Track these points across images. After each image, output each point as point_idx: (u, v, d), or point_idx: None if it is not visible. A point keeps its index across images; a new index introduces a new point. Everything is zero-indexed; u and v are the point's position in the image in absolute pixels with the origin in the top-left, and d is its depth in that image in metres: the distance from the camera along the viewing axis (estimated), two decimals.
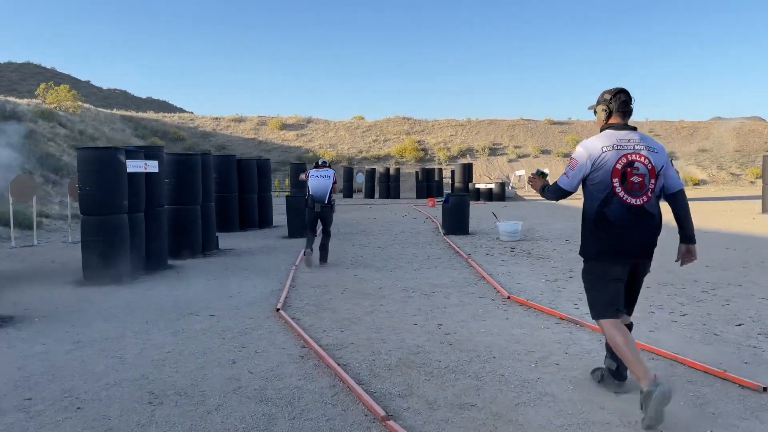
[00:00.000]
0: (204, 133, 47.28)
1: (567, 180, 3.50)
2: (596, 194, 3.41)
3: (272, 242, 11.93)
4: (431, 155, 44.86)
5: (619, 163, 3.36)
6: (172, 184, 9.60)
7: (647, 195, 3.38)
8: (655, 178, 3.40)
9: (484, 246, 10.79)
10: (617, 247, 3.38)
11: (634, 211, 3.35)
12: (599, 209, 3.40)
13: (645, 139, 3.48)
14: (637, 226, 3.37)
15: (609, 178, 3.37)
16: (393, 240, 11.93)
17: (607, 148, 3.39)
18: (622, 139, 3.41)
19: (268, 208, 15.13)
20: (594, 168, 3.40)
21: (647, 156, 3.39)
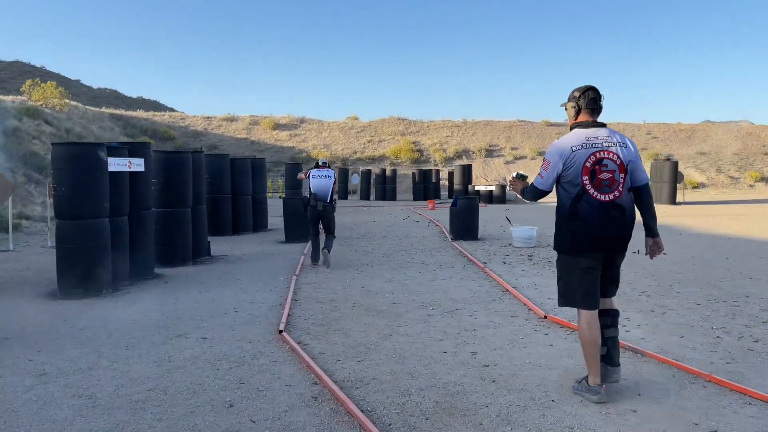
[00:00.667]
0: (195, 132, 46.29)
1: (541, 180, 3.61)
2: (568, 191, 3.53)
3: (268, 248, 11.09)
4: (427, 156, 44.11)
5: (589, 161, 3.47)
6: (160, 184, 8.74)
7: (618, 190, 3.48)
8: (624, 173, 3.49)
9: (498, 253, 10.01)
10: (588, 242, 3.49)
11: (604, 207, 3.46)
12: (571, 206, 3.51)
13: (614, 134, 3.58)
14: (608, 221, 3.46)
15: (579, 175, 3.48)
16: (398, 246, 11.13)
17: (576, 147, 3.49)
18: (591, 137, 3.51)
19: (263, 211, 14.28)
20: (565, 167, 3.51)
21: (615, 152, 3.48)
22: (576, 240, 3.52)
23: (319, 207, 8.69)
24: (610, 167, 3.47)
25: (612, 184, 3.47)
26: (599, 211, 3.46)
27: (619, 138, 3.58)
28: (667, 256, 9.34)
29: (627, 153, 3.52)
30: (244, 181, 13.64)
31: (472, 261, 9.06)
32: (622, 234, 3.54)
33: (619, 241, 3.55)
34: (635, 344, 4.63)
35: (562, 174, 3.55)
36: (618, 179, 3.47)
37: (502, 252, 10.15)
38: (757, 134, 48.34)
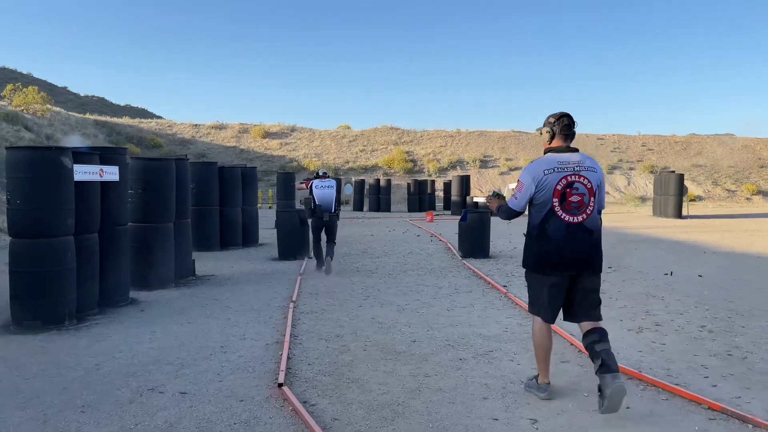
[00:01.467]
0: (182, 140, 45.09)
1: (515, 201, 3.74)
2: (538, 211, 3.68)
3: (260, 266, 10.02)
4: (420, 166, 43.23)
5: (560, 184, 3.60)
6: (139, 196, 7.68)
7: (586, 212, 3.64)
8: (593, 197, 3.65)
9: (515, 274, 9.01)
10: (554, 261, 3.63)
11: (571, 228, 3.61)
12: (540, 225, 3.67)
13: (585, 159, 3.70)
14: (573, 241, 3.61)
15: (550, 198, 3.61)
16: (403, 264, 10.11)
17: (548, 171, 3.62)
18: (563, 161, 3.64)
19: (253, 224, 13.21)
20: (537, 189, 3.64)
21: (586, 176, 3.64)
22: (543, 258, 3.68)
23: (326, 218, 8.98)
24: (581, 191, 3.62)
25: (581, 207, 3.63)
26: (567, 231, 3.61)
27: (590, 163, 3.73)
28: (709, 279, 8.41)
29: (595, 178, 3.68)
30: (234, 192, 12.57)
31: (492, 285, 8.06)
32: (589, 254, 3.67)
33: (586, 261, 3.66)
34: (741, 410, 3.64)
35: (534, 195, 3.67)
36: (587, 202, 3.63)
37: (519, 273, 9.15)
38: (752, 147, 48.01)
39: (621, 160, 45.34)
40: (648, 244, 13.34)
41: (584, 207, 3.63)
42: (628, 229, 17.48)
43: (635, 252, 11.92)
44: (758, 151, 47.54)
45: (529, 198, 3.70)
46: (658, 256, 11.23)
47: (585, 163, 3.69)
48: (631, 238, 14.89)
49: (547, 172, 3.64)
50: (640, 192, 41.31)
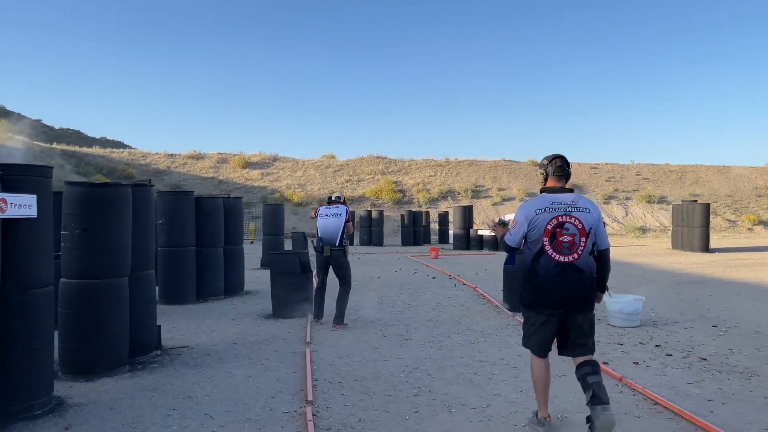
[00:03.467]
0: (157, 170, 42.38)
1: (510, 237, 3.93)
2: (531, 249, 3.80)
3: (250, 328, 7.52)
4: (410, 197, 41.06)
5: (550, 224, 3.72)
6: (75, 239, 5.21)
7: (577, 252, 3.71)
8: (585, 237, 3.72)
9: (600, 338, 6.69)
10: (544, 299, 3.75)
11: (561, 268, 3.70)
12: (531, 264, 3.79)
13: (578, 200, 3.80)
14: (564, 280, 3.70)
15: (541, 237, 3.73)
16: (438, 323, 7.71)
17: (540, 211, 3.75)
18: (555, 202, 3.76)
19: (238, 267, 10.70)
20: (530, 228, 3.78)
21: (578, 217, 3.73)
22: (534, 296, 3.78)
23: (326, 252, 7.45)
24: (571, 231, 3.69)
25: (572, 247, 3.69)
26: (557, 270, 3.69)
27: (584, 204, 3.79)
28: None
29: (589, 219, 3.73)
30: (214, 228, 10.10)
31: None
32: (579, 293, 3.71)
33: (576, 300, 3.71)
34: None
35: (527, 234, 3.80)
36: (578, 242, 3.70)
37: (604, 334, 6.82)
38: (747, 176, 46.94)
39: (617, 189, 43.77)
40: (714, 287, 11.15)
41: (575, 247, 3.69)
42: (667, 268, 15.33)
43: (711, 298, 9.69)
44: (754, 179, 46.46)
45: (522, 235, 3.83)
46: (745, 304, 9.01)
47: (578, 203, 3.76)
48: (683, 278, 12.70)
49: (538, 212, 3.73)
50: (638, 222, 39.65)
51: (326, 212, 7.62)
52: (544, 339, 3.80)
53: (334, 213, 7.55)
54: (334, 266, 7.46)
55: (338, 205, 7.67)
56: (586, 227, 3.70)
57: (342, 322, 7.38)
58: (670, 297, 9.80)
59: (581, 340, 3.76)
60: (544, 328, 3.76)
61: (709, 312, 8.42)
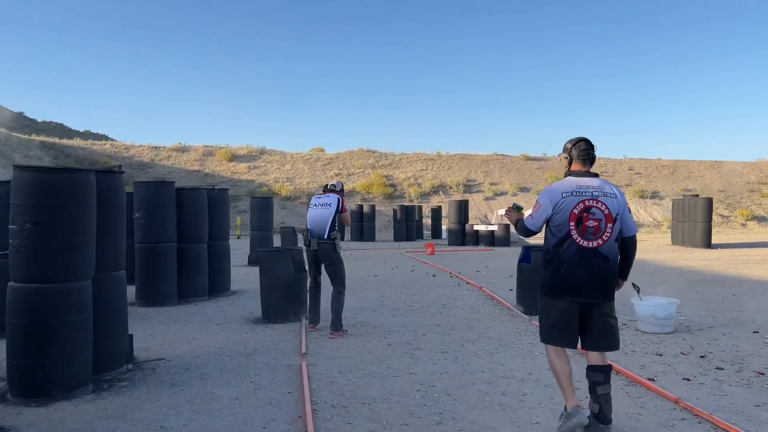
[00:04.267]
0: (140, 163, 41.18)
1: (532, 221, 3.71)
2: (554, 234, 3.64)
3: (237, 335, 6.67)
4: (401, 191, 40.24)
5: (577, 208, 3.57)
6: (25, 234, 4.32)
7: (602, 238, 3.57)
8: (612, 223, 3.58)
9: (633, 346, 5.92)
10: (566, 285, 3.59)
11: (586, 253, 3.56)
12: (555, 249, 3.63)
13: (605, 185, 3.66)
14: (588, 267, 3.55)
15: (567, 221, 3.58)
16: (449, 328, 6.91)
17: (566, 194, 3.61)
18: (582, 186, 3.62)
19: (224, 265, 9.81)
20: (555, 212, 3.61)
21: (604, 202, 3.58)
22: (556, 282, 3.63)
23: (314, 246, 6.63)
24: (597, 216, 3.56)
25: (597, 232, 3.56)
26: (581, 256, 3.56)
27: (610, 189, 3.66)
28: None
29: (615, 205, 3.60)
30: (197, 223, 9.21)
31: (629, 377, 4.91)
32: (603, 280, 3.59)
33: (600, 287, 3.58)
34: None
35: (551, 218, 3.63)
36: (604, 228, 3.56)
37: (637, 342, 6.05)
38: (739, 171, 46.67)
39: None
40: (733, 286, 10.46)
41: (600, 232, 3.57)
42: (675, 265, 14.67)
43: (736, 299, 8.99)
44: (746, 175, 46.20)
45: (545, 219, 3.66)
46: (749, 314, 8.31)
47: (604, 188, 3.64)
48: (696, 277, 12.01)
49: (565, 195, 3.60)
50: None
51: (316, 202, 6.90)
52: (566, 328, 3.60)
53: (324, 203, 6.77)
54: (324, 263, 6.69)
55: (329, 194, 6.92)
56: (612, 213, 3.57)
57: (340, 328, 6.56)
58: (692, 298, 9.08)
59: (602, 332, 3.61)
60: (566, 316, 3.58)
61: (742, 315, 7.70)
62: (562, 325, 3.61)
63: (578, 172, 3.70)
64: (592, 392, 3.59)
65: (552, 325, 3.66)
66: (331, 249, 6.59)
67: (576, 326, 3.63)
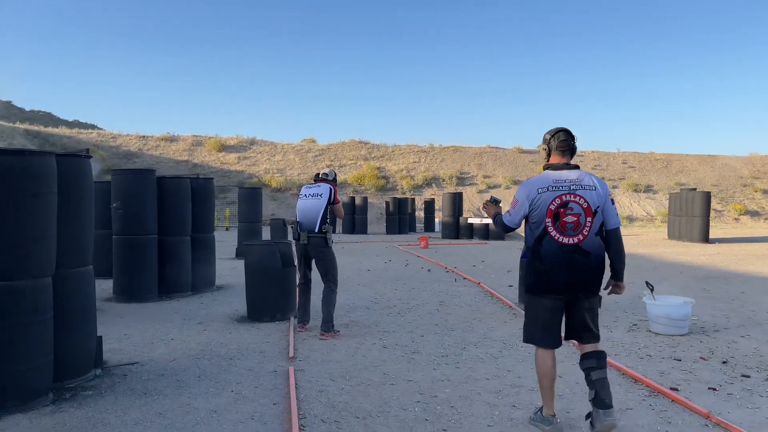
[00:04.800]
0: (128, 153, 40.40)
1: (509, 218, 3.63)
2: (533, 231, 3.53)
3: (218, 336, 6.17)
4: (393, 183, 39.73)
5: (553, 203, 3.45)
6: None
7: (582, 233, 3.44)
8: (591, 216, 3.45)
9: (649, 349, 5.49)
10: (548, 283, 3.48)
11: (566, 250, 3.43)
12: (534, 246, 3.52)
13: (584, 177, 3.51)
14: (568, 263, 3.43)
15: (544, 217, 3.46)
16: (448, 329, 6.45)
17: (542, 190, 3.48)
18: (559, 180, 3.49)
19: (208, 259, 9.28)
20: (531, 208, 3.51)
21: (582, 195, 3.46)
22: (537, 279, 3.51)
23: (303, 240, 6.12)
24: (576, 210, 3.44)
25: (576, 228, 3.45)
26: (560, 253, 3.44)
27: (589, 181, 3.51)
28: None
29: (595, 197, 3.47)
30: (180, 213, 8.67)
31: (652, 386, 4.46)
32: (585, 277, 3.46)
33: (582, 284, 3.47)
34: None
35: (528, 214, 3.54)
36: (583, 223, 3.45)
37: (651, 346, 5.61)
38: (732, 165, 46.53)
39: (603, 177, 42.86)
40: (739, 283, 10.06)
41: (580, 227, 3.44)
42: (676, 261, 14.28)
43: (745, 296, 8.58)
44: (738, 169, 46.06)
45: (522, 216, 3.57)
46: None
47: (583, 180, 3.50)
48: (699, 273, 11.63)
49: (540, 191, 3.49)
50: (625, 212, 38.85)
51: (306, 192, 6.36)
52: (548, 326, 3.53)
53: (315, 193, 6.22)
54: (314, 258, 6.18)
55: (322, 183, 6.35)
56: (592, 206, 3.46)
57: (331, 329, 6.07)
58: (700, 295, 8.66)
59: (583, 329, 3.54)
60: (548, 314, 3.51)
61: (757, 314, 7.29)
62: (543, 324, 3.53)
63: (556, 165, 3.56)
64: (587, 379, 3.48)
65: (533, 323, 3.58)
66: (322, 243, 6.08)
67: (559, 326, 3.56)
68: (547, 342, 3.55)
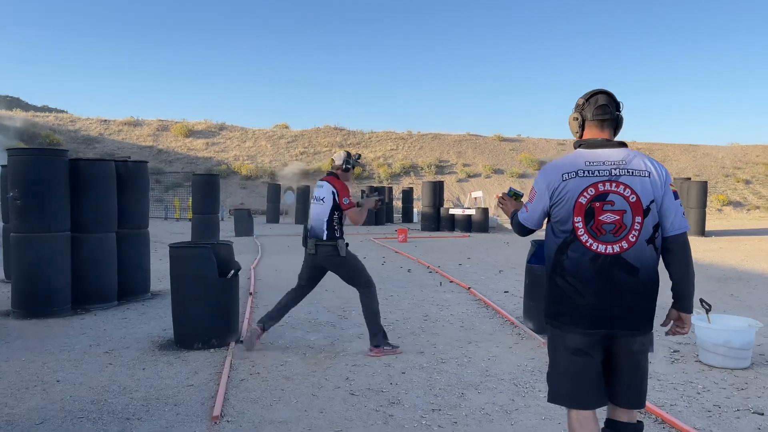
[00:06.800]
0: (87, 138, 38.07)
1: (526, 214, 2.61)
2: (556, 235, 2.47)
3: (128, 372, 4.54)
4: (370, 171, 38.13)
5: (584, 195, 2.40)
6: None
7: (628, 239, 2.35)
8: (642, 215, 2.36)
9: (693, 390, 4.01)
10: (575, 311, 2.38)
11: (603, 263, 2.35)
12: (556, 256, 2.45)
13: (633, 158, 2.43)
14: (606, 282, 2.34)
15: (571, 214, 2.41)
16: (441, 367, 4.92)
17: (569, 175, 2.43)
18: (595, 161, 2.43)
19: (140, 259, 7.59)
20: (553, 202, 2.46)
21: (629, 184, 2.37)
22: (560, 305, 2.43)
23: (310, 248, 4.98)
24: (618, 205, 2.36)
25: (619, 230, 2.36)
26: (594, 267, 2.35)
27: (642, 164, 2.40)
28: None
29: (649, 187, 2.36)
30: (102, 205, 6.97)
31: None
32: (631, 304, 2.34)
33: (626, 315, 2.34)
34: None
35: (551, 211, 2.49)
36: (629, 223, 2.35)
37: (711, 387, 4.14)
38: (714, 155, 45.92)
39: None
40: (763, 284, 8.74)
41: (624, 230, 2.34)
42: None
43: None
44: (720, 159, 45.46)
45: (543, 212, 2.52)
46: None
47: (631, 163, 2.38)
48: (714, 273, 10.30)
49: (566, 177, 2.41)
50: None
51: (314, 193, 5.17)
52: (581, 376, 2.37)
53: (317, 197, 5.06)
54: (331, 270, 5.05)
55: (325, 182, 5.08)
56: (643, 200, 2.35)
57: (382, 343, 4.94)
58: (731, 304, 7.28)
59: (634, 381, 2.40)
60: (579, 360, 2.37)
61: None
62: (573, 373, 2.42)
63: (592, 142, 2.49)
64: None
65: (558, 371, 2.47)
66: (332, 253, 4.92)
67: (598, 374, 2.42)
68: (580, 400, 2.41)
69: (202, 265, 5.08)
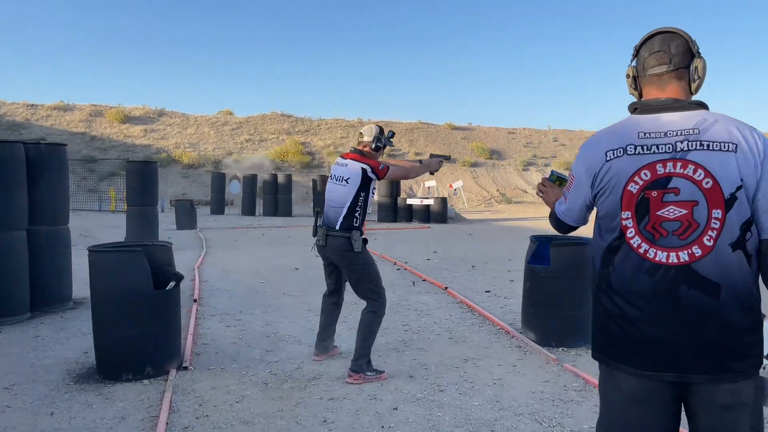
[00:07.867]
0: (13, 123, 35.18)
1: (564, 207, 1.88)
2: (602, 236, 1.74)
3: (28, 421, 3.41)
4: (320, 160, 36.85)
5: (635, 181, 1.64)
6: None
7: (701, 244, 1.59)
8: (722, 209, 1.58)
9: None
10: (627, 345, 1.65)
11: (663, 276, 1.61)
12: (601, 266, 1.73)
13: (714, 125, 1.61)
14: (668, 305, 1.60)
15: (618, 209, 1.68)
16: (436, 399, 4.02)
17: (614, 153, 1.68)
18: (653, 132, 1.65)
19: (58, 262, 6.32)
20: (596, 191, 1.73)
21: (703, 164, 1.58)
22: (606, 334, 1.71)
23: (320, 239, 4.12)
24: (686, 195, 1.59)
25: (687, 231, 1.59)
26: (651, 283, 1.62)
27: (727, 132, 1.59)
28: None
29: (735, 166, 1.57)
30: (4, 196, 5.67)
31: None
32: (710, 336, 1.57)
33: (704, 353, 1.57)
34: None
35: (594, 203, 1.78)
36: (702, 220, 1.58)
37: None
38: None
39: (535, 155, 41.95)
40: None
41: (695, 231, 1.58)
42: None
43: None
44: None
45: (584, 204, 1.80)
46: None
47: (708, 132, 1.58)
48: None
49: (611, 156, 1.67)
50: None
51: (334, 171, 4.23)
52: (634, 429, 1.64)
53: (339, 176, 4.12)
54: (340, 266, 4.24)
55: (351, 159, 4.11)
56: (723, 186, 1.56)
57: (363, 368, 4.04)
58: None
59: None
60: (636, 410, 1.63)
61: None
62: (624, 425, 1.67)
63: (650, 104, 1.69)
64: None
65: (611, 424, 1.71)
66: (345, 246, 4.05)
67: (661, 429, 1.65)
68: None
69: (131, 273, 3.96)
